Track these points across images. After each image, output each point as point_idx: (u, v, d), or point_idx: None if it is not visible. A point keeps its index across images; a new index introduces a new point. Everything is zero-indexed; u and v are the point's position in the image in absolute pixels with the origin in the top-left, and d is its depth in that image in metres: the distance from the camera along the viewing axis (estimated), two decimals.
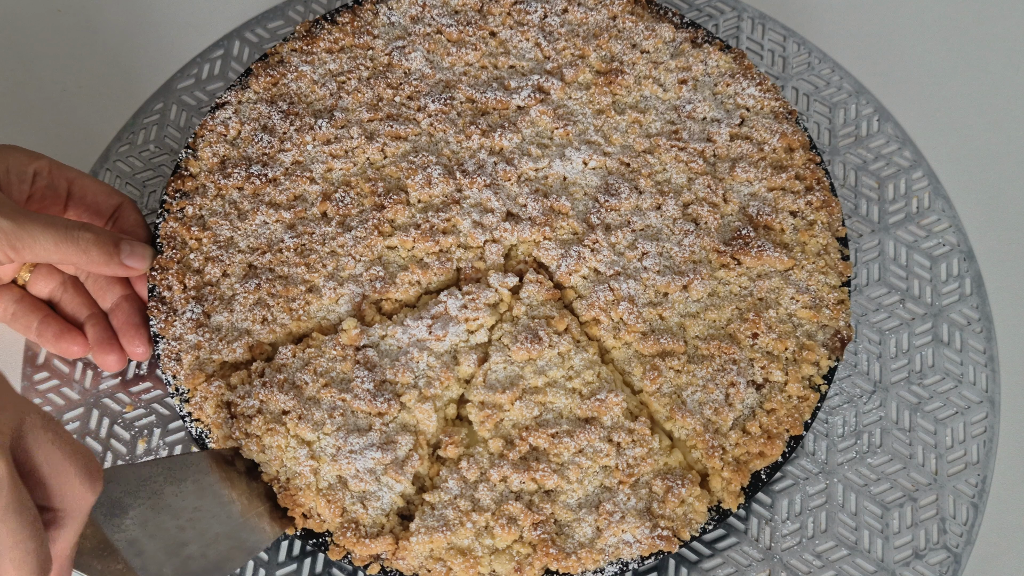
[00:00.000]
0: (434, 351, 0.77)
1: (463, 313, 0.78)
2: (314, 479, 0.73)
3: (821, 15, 1.05)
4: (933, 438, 0.84)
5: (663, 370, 0.77)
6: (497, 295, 0.79)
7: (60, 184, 0.82)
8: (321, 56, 0.91)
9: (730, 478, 0.74)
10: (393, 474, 0.73)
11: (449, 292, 0.79)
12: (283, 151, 0.86)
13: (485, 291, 0.79)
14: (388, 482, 0.73)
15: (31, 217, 0.74)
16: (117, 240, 0.78)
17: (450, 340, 0.78)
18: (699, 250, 0.82)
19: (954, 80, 1.02)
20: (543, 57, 0.92)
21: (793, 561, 0.79)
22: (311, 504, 0.72)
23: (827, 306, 0.80)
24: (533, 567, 0.71)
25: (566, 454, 0.74)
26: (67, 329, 0.82)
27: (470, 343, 0.78)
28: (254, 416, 0.75)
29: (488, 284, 0.80)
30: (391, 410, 0.74)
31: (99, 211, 0.84)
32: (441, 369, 0.76)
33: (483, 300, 0.79)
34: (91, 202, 0.84)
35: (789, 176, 0.85)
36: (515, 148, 0.87)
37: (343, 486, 0.73)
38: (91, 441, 0.83)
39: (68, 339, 0.81)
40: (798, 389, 0.77)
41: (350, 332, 0.77)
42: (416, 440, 0.74)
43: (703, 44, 0.92)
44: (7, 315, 0.82)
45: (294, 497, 0.72)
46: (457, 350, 0.78)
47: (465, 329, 0.78)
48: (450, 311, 0.79)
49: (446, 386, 0.76)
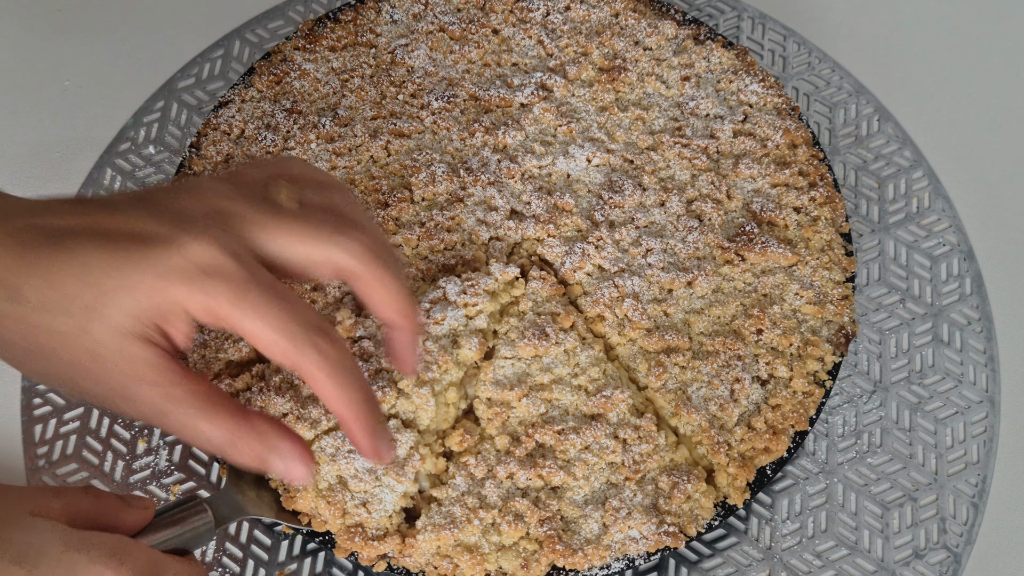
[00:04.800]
0: (432, 334, 0.77)
1: (462, 299, 0.77)
2: (313, 480, 0.72)
3: (821, 15, 1.06)
4: (933, 438, 0.84)
5: (668, 366, 0.77)
6: (497, 283, 0.79)
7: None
8: (324, 54, 0.92)
9: (735, 474, 0.74)
10: (394, 475, 0.72)
11: (447, 278, 0.79)
12: (287, 149, 0.86)
13: (484, 278, 0.79)
14: (389, 482, 0.72)
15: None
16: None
17: (448, 324, 0.77)
18: (703, 246, 0.82)
19: (954, 80, 1.03)
20: (546, 54, 0.92)
21: (793, 561, 0.79)
22: (312, 505, 0.72)
23: (831, 302, 0.80)
24: (540, 563, 0.71)
25: (572, 451, 0.74)
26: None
27: (469, 328, 0.78)
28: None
29: (488, 272, 0.79)
30: (387, 398, 0.74)
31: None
32: (439, 352, 0.76)
33: (482, 287, 0.78)
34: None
35: (792, 172, 0.85)
36: (519, 146, 0.87)
37: (343, 487, 0.72)
38: (91, 440, 0.83)
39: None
40: (803, 385, 0.77)
41: (345, 323, 0.77)
42: (417, 439, 0.74)
43: (706, 41, 0.93)
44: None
45: (294, 499, 0.72)
46: (457, 333, 0.77)
47: (464, 314, 0.78)
48: (448, 296, 0.78)
49: (444, 370, 0.75)
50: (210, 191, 0.59)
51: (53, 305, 0.55)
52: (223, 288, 0.55)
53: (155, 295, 0.54)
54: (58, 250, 0.55)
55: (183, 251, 0.55)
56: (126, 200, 0.59)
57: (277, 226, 0.59)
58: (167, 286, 0.54)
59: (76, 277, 0.55)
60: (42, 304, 0.55)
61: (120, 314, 0.55)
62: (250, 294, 0.55)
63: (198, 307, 0.55)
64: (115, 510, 0.58)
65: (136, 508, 0.59)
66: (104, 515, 0.58)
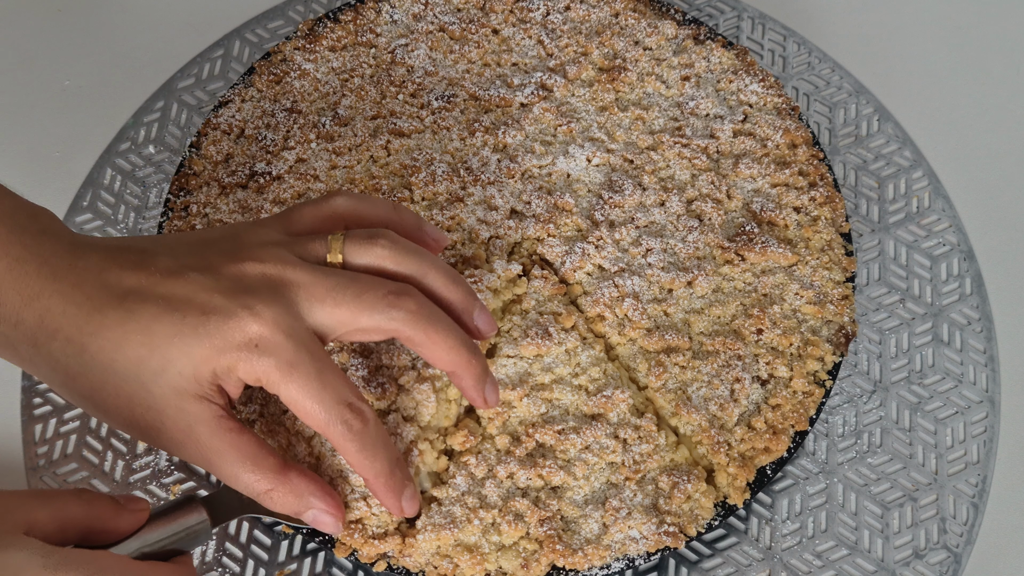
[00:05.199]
0: None
1: None
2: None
3: (821, 15, 1.06)
4: (933, 438, 0.84)
5: (668, 366, 0.77)
6: (500, 280, 0.79)
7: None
8: (324, 54, 0.92)
9: (736, 474, 0.74)
10: None
11: None
12: (287, 149, 0.86)
13: (487, 275, 0.79)
14: None
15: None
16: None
17: None
18: (703, 246, 0.82)
19: (954, 80, 1.03)
20: (546, 54, 0.92)
21: (793, 561, 0.79)
22: None
23: (831, 302, 0.80)
24: (540, 563, 0.70)
25: (572, 451, 0.74)
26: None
27: None
28: (256, 420, 0.74)
29: (491, 270, 0.79)
30: (387, 395, 0.74)
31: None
32: None
33: (485, 283, 0.78)
34: None
35: (792, 172, 0.85)
36: (518, 145, 0.87)
37: (343, 480, 0.72)
38: (91, 440, 0.83)
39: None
40: (803, 385, 0.77)
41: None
42: (418, 433, 0.73)
43: (706, 41, 0.93)
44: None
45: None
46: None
47: None
48: None
49: None
50: (271, 256, 0.64)
51: (119, 368, 0.61)
52: (272, 362, 0.61)
53: (213, 363, 0.60)
54: (124, 313, 0.60)
55: (241, 326, 0.60)
56: (187, 253, 0.64)
57: (330, 298, 0.63)
58: (224, 357, 0.60)
59: (140, 344, 0.60)
60: (107, 366, 0.61)
61: (180, 378, 0.60)
62: (296, 370, 0.61)
63: (249, 376, 0.61)
64: (108, 514, 0.61)
65: (131, 510, 0.62)
66: (96, 519, 0.60)
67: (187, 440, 0.62)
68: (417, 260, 0.67)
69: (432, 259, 0.69)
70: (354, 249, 0.67)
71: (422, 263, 0.68)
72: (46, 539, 0.56)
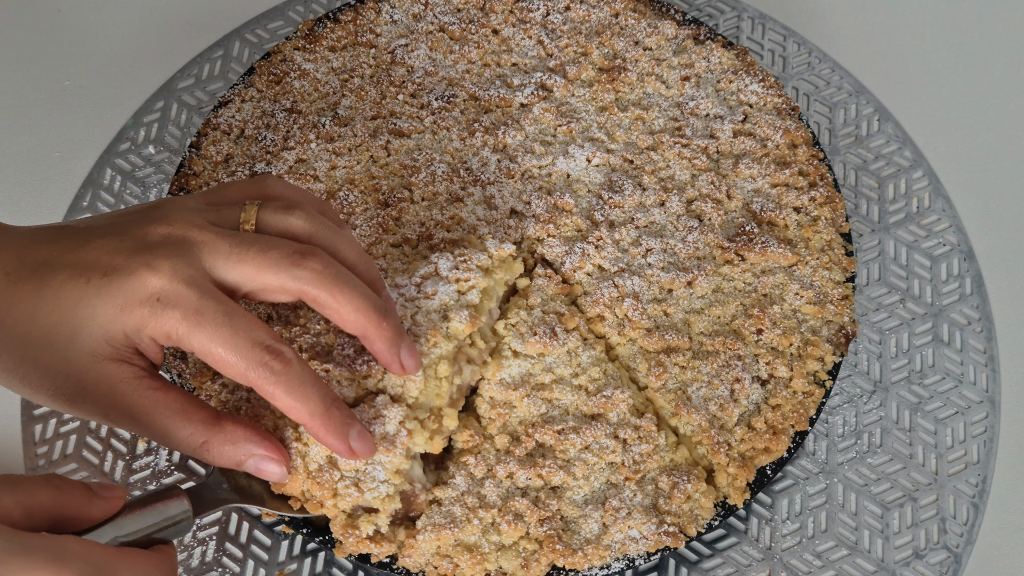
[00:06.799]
0: (422, 308, 0.75)
1: (453, 274, 0.76)
2: (302, 462, 0.70)
3: (821, 15, 1.06)
4: (933, 438, 0.84)
5: (668, 366, 0.77)
6: (491, 260, 0.78)
7: None
8: (324, 54, 0.92)
9: (735, 474, 0.74)
10: (383, 449, 0.70)
11: (440, 254, 0.78)
12: (287, 149, 0.86)
13: (478, 254, 0.78)
14: (379, 458, 0.70)
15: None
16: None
17: (439, 299, 0.75)
18: (703, 246, 0.82)
19: (954, 80, 1.03)
20: (546, 55, 0.92)
21: (793, 561, 0.79)
22: (303, 488, 0.70)
23: (831, 302, 0.80)
24: (539, 563, 0.70)
25: (572, 450, 0.74)
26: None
27: (460, 303, 0.76)
28: (242, 407, 0.73)
29: (483, 249, 0.78)
30: (373, 372, 0.73)
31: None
32: (428, 327, 0.74)
33: (475, 262, 0.77)
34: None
35: (792, 172, 0.85)
36: (518, 145, 0.87)
37: (332, 466, 0.70)
38: (91, 440, 0.83)
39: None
40: (803, 385, 0.77)
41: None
42: (406, 412, 0.72)
43: (705, 41, 0.93)
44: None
45: (284, 484, 0.70)
46: (447, 308, 0.75)
47: (455, 289, 0.76)
48: (440, 271, 0.77)
49: (433, 343, 0.74)
50: (179, 218, 0.63)
51: (34, 337, 0.60)
52: (178, 313, 0.59)
53: (120, 323, 0.59)
54: (37, 284, 0.60)
55: (141, 281, 0.59)
56: (104, 225, 0.64)
57: (234, 254, 0.62)
58: (129, 314, 0.59)
59: (51, 311, 0.60)
60: (24, 336, 0.61)
61: (92, 341, 0.60)
62: (203, 318, 0.59)
63: (156, 332, 0.60)
64: (79, 500, 0.59)
65: (103, 497, 0.60)
66: (66, 506, 0.58)
67: (112, 405, 0.61)
68: (332, 234, 0.66)
69: (348, 236, 0.67)
70: (268, 216, 0.65)
71: (336, 237, 0.66)
72: (13, 525, 0.55)
